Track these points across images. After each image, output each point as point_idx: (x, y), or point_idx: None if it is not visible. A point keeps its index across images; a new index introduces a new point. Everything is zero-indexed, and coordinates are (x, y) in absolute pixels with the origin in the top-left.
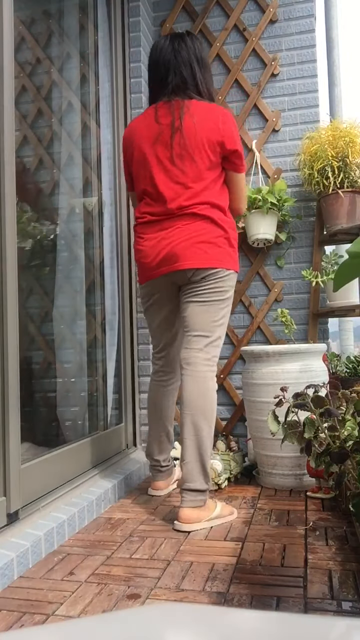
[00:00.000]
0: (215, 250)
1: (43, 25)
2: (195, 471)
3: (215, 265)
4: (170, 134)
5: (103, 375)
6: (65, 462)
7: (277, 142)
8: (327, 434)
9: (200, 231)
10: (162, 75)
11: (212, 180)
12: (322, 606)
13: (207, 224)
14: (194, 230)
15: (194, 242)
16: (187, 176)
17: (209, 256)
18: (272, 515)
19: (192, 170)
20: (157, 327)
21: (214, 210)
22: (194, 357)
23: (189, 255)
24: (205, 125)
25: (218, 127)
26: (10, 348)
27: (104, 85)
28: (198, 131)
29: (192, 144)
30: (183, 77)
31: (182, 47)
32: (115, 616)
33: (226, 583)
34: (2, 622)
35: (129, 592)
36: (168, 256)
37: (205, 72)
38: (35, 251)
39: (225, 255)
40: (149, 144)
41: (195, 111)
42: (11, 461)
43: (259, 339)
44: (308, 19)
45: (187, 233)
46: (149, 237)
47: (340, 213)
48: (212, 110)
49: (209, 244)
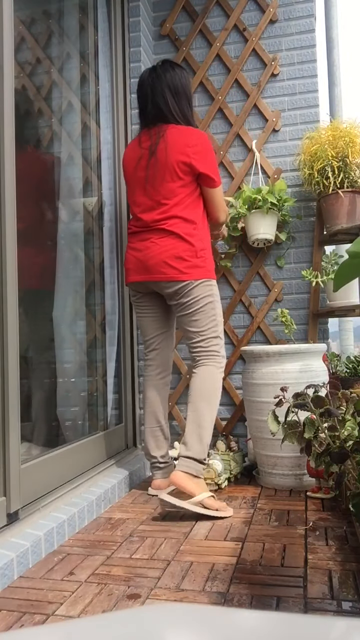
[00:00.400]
0: (182, 264)
1: (43, 25)
2: (191, 440)
3: (182, 278)
4: (148, 157)
5: (103, 375)
6: (65, 462)
7: (277, 142)
8: (327, 434)
9: (169, 247)
10: (143, 105)
11: (184, 196)
12: (322, 606)
13: (175, 240)
14: (163, 246)
15: (164, 257)
16: (160, 194)
17: (177, 271)
18: (272, 515)
19: (164, 189)
20: (145, 323)
21: (184, 224)
22: (197, 356)
23: (160, 269)
24: (175, 148)
25: (187, 151)
26: (10, 348)
27: (104, 85)
28: (168, 153)
29: (163, 166)
30: (158, 106)
31: (155, 79)
32: (115, 616)
33: (226, 583)
34: (2, 622)
35: (129, 592)
36: (144, 266)
37: (180, 99)
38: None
39: (192, 267)
40: (133, 166)
41: (169, 135)
42: (11, 461)
43: (259, 339)
44: (308, 19)
45: (158, 249)
46: (132, 246)
47: (340, 213)
48: (184, 134)
49: (177, 258)
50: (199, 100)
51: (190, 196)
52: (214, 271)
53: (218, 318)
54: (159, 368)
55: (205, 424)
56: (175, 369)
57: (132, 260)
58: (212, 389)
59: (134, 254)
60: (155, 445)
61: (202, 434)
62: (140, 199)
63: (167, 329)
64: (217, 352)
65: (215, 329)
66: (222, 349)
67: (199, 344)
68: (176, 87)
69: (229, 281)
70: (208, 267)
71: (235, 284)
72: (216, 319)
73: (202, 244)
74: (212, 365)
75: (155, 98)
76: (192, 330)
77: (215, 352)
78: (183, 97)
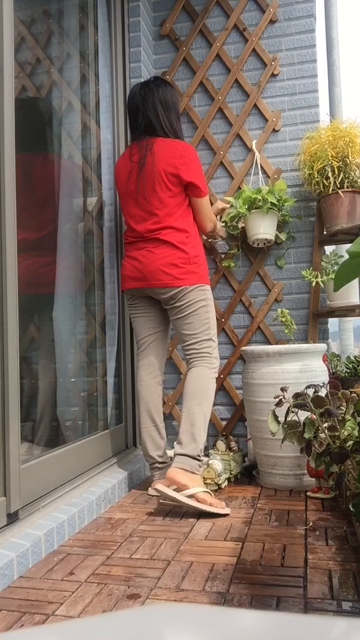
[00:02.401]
0: (177, 271)
1: (43, 25)
2: (185, 439)
3: (177, 284)
4: (137, 170)
5: (103, 375)
6: (65, 462)
7: (277, 142)
8: (327, 434)
9: (164, 255)
10: (134, 118)
11: (174, 206)
12: (322, 606)
13: (169, 249)
14: (159, 254)
15: (159, 265)
16: (151, 204)
17: (171, 277)
18: (272, 515)
19: (155, 199)
20: (139, 323)
21: (176, 233)
22: (190, 358)
23: (156, 276)
24: (163, 159)
25: (174, 162)
26: (10, 348)
27: (104, 85)
28: (156, 165)
29: (152, 177)
30: (149, 119)
31: (147, 92)
32: (115, 616)
33: (226, 583)
34: (2, 622)
35: (129, 592)
36: (141, 274)
37: (170, 113)
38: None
39: (186, 273)
40: (124, 179)
41: (157, 148)
42: (11, 461)
43: (259, 339)
44: (308, 19)
45: (153, 257)
46: (129, 254)
47: (340, 213)
48: (171, 146)
49: (172, 266)
50: (199, 100)
51: (180, 206)
52: (207, 277)
53: (211, 321)
54: (151, 368)
55: (198, 423)
56: (175, 369)
57: (130, 268)
58: (204, 389)
59: (131, 262)
60: (153, 445)
61: (194, 432)
62: (134, 211)
63: (160, 329)
64: (209, 354)
65: (208, 332)
66: (214, 351)
67: (192, 346)
68: (167, 101)
69: (229, 281)
70: (201, 272)
71: (235, 284)
72: (209, 322)
73: (195, 251)
74: (203, 366)
75: (146, 111)
76: (185, 333)
77: (207, 354)
78: (173, 111)
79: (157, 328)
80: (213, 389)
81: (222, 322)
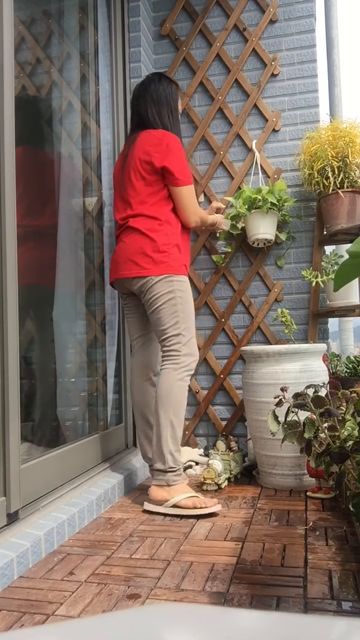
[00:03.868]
0: (144, 261)
1: (43, 25)
2: (155, 454)
3: (143, 274)
4: (122, 162)
5: (103, 375)
6: (65, 462)
7: (277, 142)
8: (327, 434)
9: (132, 244)
10: (131, 116)
11: (148, 195)
12: (322, 606)
13: (137, 236)
14: (128, 244)
15: (128, 255)
16: (128, 193)
17: (139, 267)
18: (272, 515)
19: (132, 189)
20: (129, 324)
21: (145, 220)
22: (162, 358)
23: (125, 266)
24: (139, 148)
25: (148, 149)
26: (10, 348)
27: (104, 85)
28: (134, 155)
29: (130, 167)
30: (140, 114)
31: (141, 90)
32: (115, 616)
33: (226, 583)
34: (2, 622)
35: (129, 592)
36: (115, 265)
37: (161, 107)
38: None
39: (153, 262)
40: (115, 174)
41: (139, 139)
42: (11, 461)
43: (259, 339)
44: (308, 19)
45: (124, 246)
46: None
47: (340, 213)
48: (151, 135)
49: (139, 254)
50: (199, 100)
51: (155, 195)
52: (181, 267)
53: (181, 315)
54: (143, 370)
55: (164, 434)
56: None
57: (110, 260)
58: (168, 395)
59: (113, 255)
60: (150, 447)
61: (161, 445)
62: (117, 202)
63: (148, 330)
64: (176, 352)
65: (177, 326)
66: (185, 347)
67: (162, 343)
68: (159, 96)
69: (229, 281)
70: (171, 262)
71: (235, 284)
72: (178, 315)
73: (167, 240)
74: (169, 368)
75: (138, 107)
76: (156, 329)
77: (175, 352)
78: (165, 106)
79: (145, 329)
80: (180, 391)
81: (222, 322)
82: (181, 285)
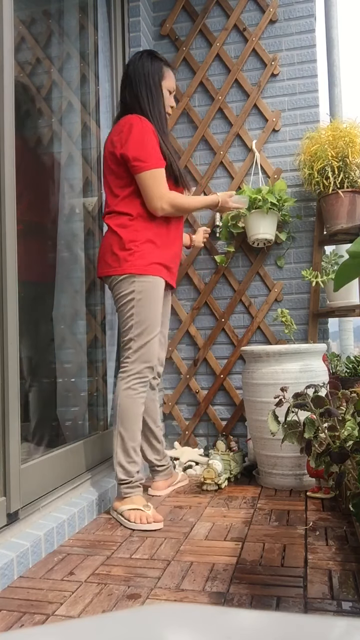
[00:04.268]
0: (111, 259)
1: (43, 25)
2: (115, 467)
3: (109, 273)
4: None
5: (103, 375)
6: (66, 462)
7: (277, 142)
8: (327, 434)
9: (104, 243)
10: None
11: (119, 188)
12: (322, 606)
13: (108, 234)
14: (103, 242)
15: (102, 253)
16: (105, 190)
17: (107, 266)
18: (272, 515)
19: (106, 184)
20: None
21: (117, 217)
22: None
23: (99, 266)
24: (108, 140)
25: (113, 139)
26: (10, 348)
27: (104, 85)
28: (105, 148)
29: (104, 162)
30: (121, 100)
31: (123, 74)
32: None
33: (226, 583)
34: (2, 622)
35: (129, 592)
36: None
37: (139, 87)
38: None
39: (117, 261)
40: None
41: (111, 130)
42: (11, 461)
43: (259, 339)
44: (308, 19)
45: (101, 246)
46: None
47: (340, 213)
48: (117, 124)
49: (108, 253)
50: (199, 100)
51: (126, 189)
52: (149, 266)
53: (136, 318)
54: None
55: (114, 447)
56: (175, 369)
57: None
58: (117, 406)
59: None
60: (149, 449)
61: (117, 459)
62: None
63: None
64: (126, 358)
65: (131, 330)
66: (135, 353)
67: (122, 349)
68: (137, 76)
69: (229, 281)
70: (135, 261)
71: (235, 284)
72: (133, 319)
73: (134, 236)
74: (120, 377)
75: (121, 92)
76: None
77: (125, 359)
78: (142, 86)
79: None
80: (126, 401)
81: (222, 322)
82: (142, 286)
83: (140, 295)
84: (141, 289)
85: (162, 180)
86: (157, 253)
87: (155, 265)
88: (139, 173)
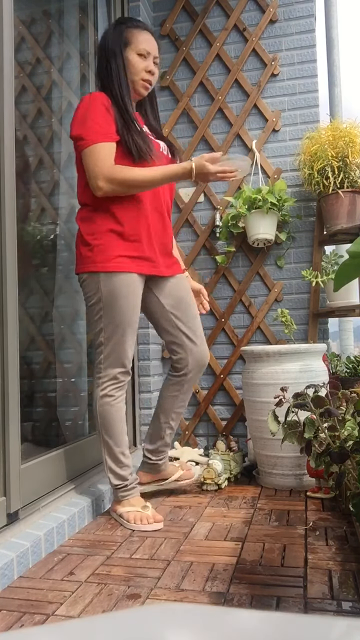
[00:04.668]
0: (76, 257)
1: (43, 25)
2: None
3: (76, 271)
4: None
5: None
6: (66, 462)
7: (277, 142)
8: (327, 434)
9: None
10: None
11: (80, 178)
12: (322, 606)
13: (77, 231)
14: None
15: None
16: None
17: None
18: (272, 515)
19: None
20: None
21: (81, 210)
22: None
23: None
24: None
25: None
26: (10, 348)
27: None
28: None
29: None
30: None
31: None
32: (115, 616)
33: (226, 583)
34: (2, 622)
35: (129, 592)
36: None
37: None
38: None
39: (80, 258)
40: None
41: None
42: (11, 461)
43: (259, 339)
44: (308, 19)
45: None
46: None
47: (340, 213)
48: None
49: (76, 251)
50: (199, 100)
51: (84, 177)
52: (113, 261)
53: (105, 320)
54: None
55: (105, 456)
56: None
57: None
58: (101, 418)
59: None
60: (149, 439)
61: (107, 466)
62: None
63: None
64: (98, 364)
65: (101, 333)
66: (106, 359)
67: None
68: (100, 51)
69: (229, 281)
70: (96, 257)
71: (235, 284)
72: (102, 321)
73: (94, 228)
74: (96, 387)
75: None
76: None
77: (97, 364)
78: (103, 59)
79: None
80: (103, 408)
81: (222, 322)
82: (107, 284)
83: (107, 294)
84: (106, 287)
85: (103, 156)
86: (122, 245)
87: (121, 259)
88: (80, 153)
